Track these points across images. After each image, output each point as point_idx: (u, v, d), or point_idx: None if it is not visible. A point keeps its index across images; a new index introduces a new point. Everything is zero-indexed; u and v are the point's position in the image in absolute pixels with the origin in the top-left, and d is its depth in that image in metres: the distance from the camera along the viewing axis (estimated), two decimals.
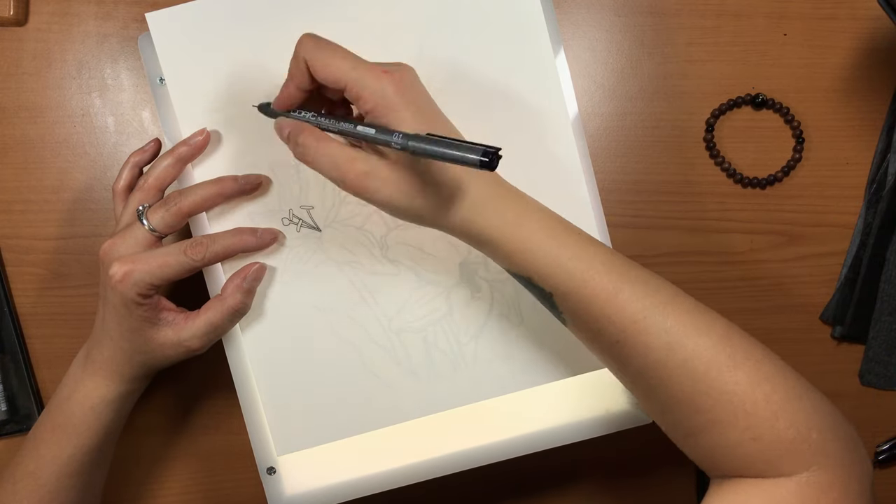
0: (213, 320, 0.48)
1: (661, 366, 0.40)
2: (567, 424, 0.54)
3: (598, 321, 0.41)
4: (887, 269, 0.58)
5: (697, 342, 0.39)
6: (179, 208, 0.47)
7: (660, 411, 0.42)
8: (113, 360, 0.48)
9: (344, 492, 0.54)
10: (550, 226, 0.42)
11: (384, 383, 0.52)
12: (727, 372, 0.39)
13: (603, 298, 0.41)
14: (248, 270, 0.49)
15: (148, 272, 0.45)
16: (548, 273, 0.42)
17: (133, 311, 0.46)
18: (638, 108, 0.58)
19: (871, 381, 0.60)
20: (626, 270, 0.41)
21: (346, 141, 0.43)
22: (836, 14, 0.59)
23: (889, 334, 0.59)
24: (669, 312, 0.40)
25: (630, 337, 0.40)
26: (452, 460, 0.54)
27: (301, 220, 0.51)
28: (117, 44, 0.57)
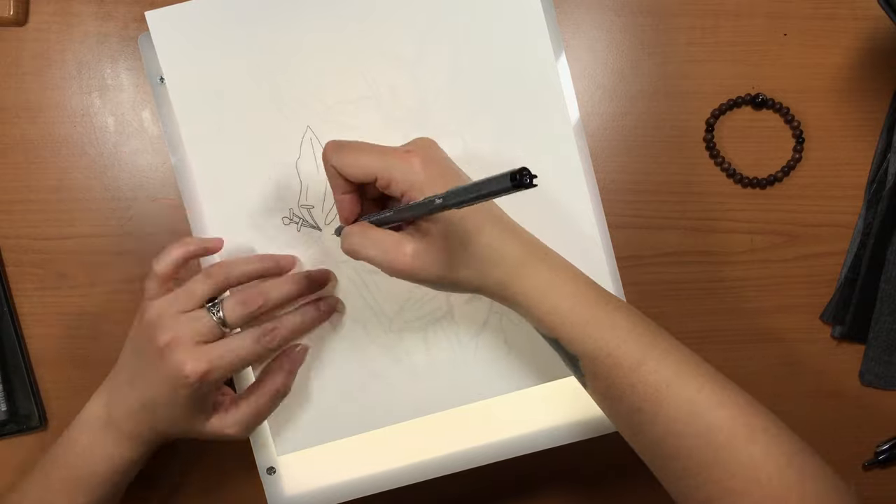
0: (258, 406, 0.48)
1: (680, 435, 0.41)
2: (567, 424, 0.54)
3: (622, 388, 0.42)
4: (887, 269, 0.58)
5: (718, 414, 0.41)
6: (262, 311, 0.47)
7: (673, 478, 0.43)
8: (146, 432, 0.47)
9: (344, 492, 0.54)
10: (581, 291, 0.43)
11: (385, 383, 0.52)
12: (744, 444, 0.40)
13: (627, 367, 0.42)
14: (294, 354, 0.50)
15: (225, 369, 0.45)
16: (575, 339, 0.43)
17: (196, 404, 0.46)
18: (638, 108, 0.58)
19: (871, 381, 0.60)
20: (652, 340, 0.43)
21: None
22: (836, 14, 0.59)
23: (889, 334, 0.59)
24: (693, 383, 0.41)
25: (652, 406, 0.41)
26: (452, 460, 0.54)
27: (301, 220, 0.51)
28: (117, 44, 0.57)
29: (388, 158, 0.42)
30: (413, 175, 0.41)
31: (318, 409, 0.52)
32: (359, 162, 0.42)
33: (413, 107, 0.51)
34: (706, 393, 0.41)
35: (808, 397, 0.60)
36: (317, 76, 0.51)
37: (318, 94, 0.51)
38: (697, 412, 0.40)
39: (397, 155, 0.42)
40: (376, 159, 0.42)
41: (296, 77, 0.50)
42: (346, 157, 0.42)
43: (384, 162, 0.41)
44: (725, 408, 0.41)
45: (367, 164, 0.42)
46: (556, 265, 0.44)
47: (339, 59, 0.51)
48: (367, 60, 0.51)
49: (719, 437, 0.40)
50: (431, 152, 0.43)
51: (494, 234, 0.43)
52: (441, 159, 0.43)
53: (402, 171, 0.41)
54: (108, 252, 0.57)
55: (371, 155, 0.42)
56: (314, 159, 0.51)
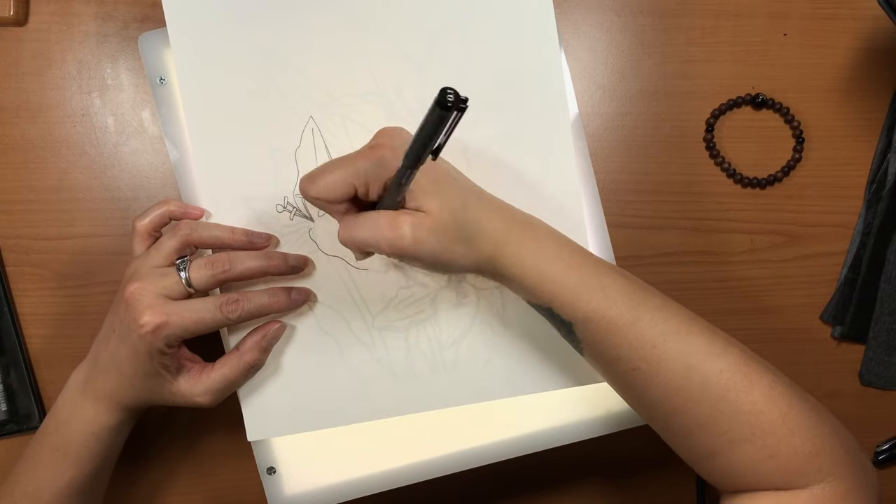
0: (228, 376, 0.48)
1: (681, 389, 0.41)
2: (567, 424, 0.54)
3: (618, 348, 0.42)
4: (887, 269, 0.58)
5: (715, 365, 0.41)
6: (227, 275, 0.47)
7: (679, 436, 0.43)
8: (118, 392, 0.48)
9: (344, 492, 0.54)
10: (568, 254, 0.44)
11: (361, 379, 0.51)
12: (744, 393, 0.40)
13: (622, 326, 0.42)
14: (269, 329, 0.50)
15: (181, 327, 0.45)
16: (567, 304, 0.43)
17: (154, 359, 0.46)
18: (638, 108, 0.58)
19: (871, 381, 0.60)
20: (643, 298, 0.43)
21: None
22: (836, 14, 0.59)
23: (889, 334, 0.59)
24: (687, 337, 0.42)
25: (650, 363, 0.42)
26: (453, 460, 0.54)
27: (295, 209, 0.51)
28: (117, 44, 0.57)
29: (356, 165, 0.42)
30: (385, 165, 0.41)
31: (293, 397, 0.51)
32: (331, 182, 0.42)
33: (416, 108, 0.51)
34: (702, 345, 0.41)
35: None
36: (325, 68, 0.50)
37: (325, 86, 0.50)
38: (694, 365, 0.41)
39: (364, 156, 0.42)
40: (346, 172, 0.42)
41: (304, 67, 0.50)
42: (319, 182, 0.43)
43: (354, 170, 0.42)
44: (722, 358, 0.41)
45: (340, 181, 0.42)
46: (542, 234, 0.44)
47: (349, 53, 0.50)
48: (376, 57, 0.50)
49: (717, 389, 0.40)
50: (398, 139, 0.43)
51: (478, 208, 0.43)
52: (403, 139, 0.43)
53: (374, 167, 0.41)
54: (108, 252, 0.57)
55: (340, 170, 0.42)
56: (314, 149, 0.51)
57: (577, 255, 0.44)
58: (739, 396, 0.40)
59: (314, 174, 0.43)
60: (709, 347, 0.41)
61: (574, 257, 0.44)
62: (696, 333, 0.42)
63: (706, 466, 0.43)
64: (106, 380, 0.48)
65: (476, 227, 0.43)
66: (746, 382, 0.40)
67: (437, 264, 0.43)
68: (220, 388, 0.48)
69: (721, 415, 0.40)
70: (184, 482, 0.59)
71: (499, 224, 0.44)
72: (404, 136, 0.43)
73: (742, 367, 0.41)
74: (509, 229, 0.44)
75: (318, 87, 0.51)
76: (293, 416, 0.51)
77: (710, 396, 0.40)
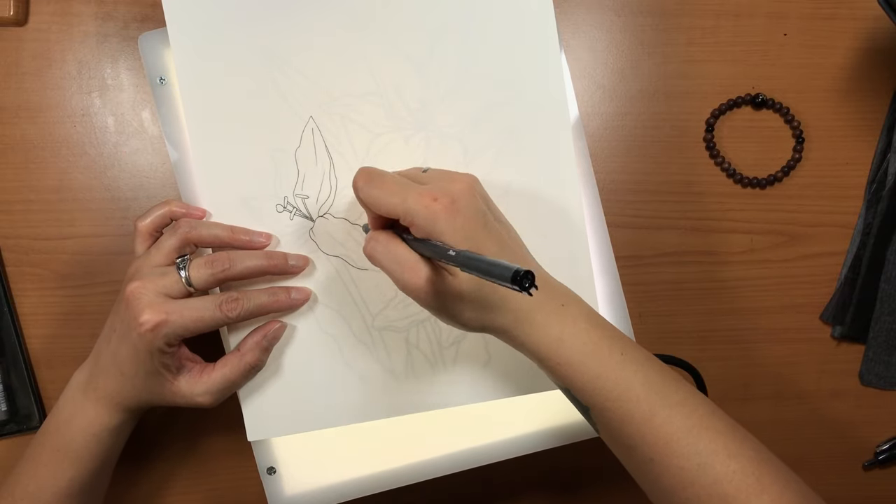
0: (229, 376, 0.48)
1: (691, 486, 0.41)
2: (567, 424, 0.54)
3: (633, 439, 0.42)
4: (887, 269, 0.58)
5: (728, 465, 0.41)
6: (227, 274, 0.47)
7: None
8: (119, 393, 0.48)
9: (344, 492, 0.54)
10: (593, 342, 0.43)
11: (362, 379, 0.51)
12: (754, 496, 0.40)
13: (639, 419, 0.42)
14: (269, 329, 0.50)
15: (181, 325, 0.45)
16: (587, 390, 0.43)
17: (155, 358, 0.46)
18: (638, 108, 0.58)
19: (871, 381, 0.60)
20: (665, 392, 0.43)
21: None
22: (836, 14, 0.59)
23: (889, 334, 0.59)
24: (703, 435, 0.42)
25: (663, 457, 0.42)
26: (452, 460, 0.54)
27: (295, 208, 0.51)
28: (117, 44, 0.57)
29: (412, 203, 0.41)
30: (435, 225, 0.41)
31: (293, 397, 0.51)
32: (382, 202, 0.42)
33: (416, 107, 0.51)
34: (717, 445, 0.41)
35: (808, 397, 0.60)
36: (325, 68, 0.50)
37: (325, 86, 0.50)
38: (707, 464, 0.41)
39: (423, 201, 0.41)
40: (400, 203, 0.41)
41: (304, 67, 0.50)
42: (372, 192, 0.42)
43: (407, 207, 0.41)
44: (735, 459, 0.41)
45: (390, 206, 0.42)
46: (571, 315, 0.43)
47: (349, 53, 0.50)
48: (376, 57, 0.50)
49: (728, 490, 0.40)
50: (462, 200, 0.42)
51: None
52: (470, 207, 0.42)
53: (424, 219, 0.41)
54: (108, 252, 0.57)
55: (395, 197, 0.42)
56: (314, 149, 0.51)
57: (604, 342, 0.43)
58: (749, 500, 0.40)
59: (374, 178, 0.43)
60: (723, 448, 0.41)
61: (600, 344, 0.43)
62: (713, 431, 0.42)
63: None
64: (107, 380, 0.48)
65: (500, 301, 0.42)
66: (757, 486, 0.40)
67: (441, 317, 0.43)
68: (220, 388, 0.48)
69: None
70: (184, 482, 0.59)
71: (529, 301, 0.43)
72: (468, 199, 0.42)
73: (754, 471, 0.41)
74: (538, 308, 0.43)
75: (319, 87, 0.51)
76: (293, 417, 0.51)
77: (720, 496, 0.40)
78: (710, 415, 0.43)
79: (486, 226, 0.43)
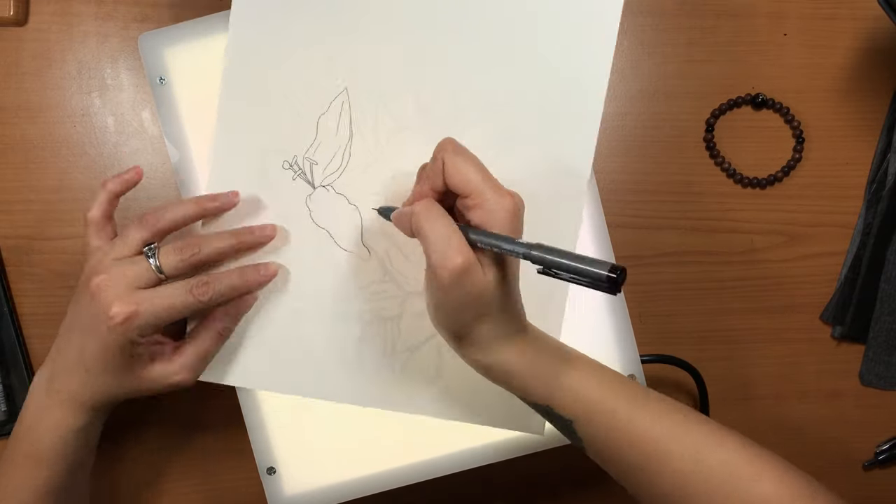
0: (202, 347, 0.48)
1: (687, 482, 0.41)
2: None
3: (620, 446, 0.42)
4: (887, 269, 0.58)
5: (720, 455, 0.41)
6: (198, 258, 0.46)
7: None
8: (83, 392, 0.46)
9: (344, 492, 0.54)
10: (564, 354, 0.44)
11: (309, 354, 0.51)
12: (753, 483, 0.40)
13: (624, 423, 0.42)
14: (241, 302, 0.49)
15: (153, 315, 0.44)
16: (567, 402, 0.43)
17: (126, 351, 0.45)
18: (638, 108, 0.58)
19: (871, 381, 0.60)
20: (643, 396, 0.43)
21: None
22: (836, 14, 0.59)
23: (889, 334, 0.59)
24: (690, 430, 0.42)
25: (653, 461, 0.42)
26: (452, 460, 0.54)
27: (301, 170, 0.50)
28: (117, 44, 0.57)
29: (489, 186, 0.40)
30: (500, 212, 0.40)
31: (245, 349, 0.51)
32: (465, 173, 0.41)
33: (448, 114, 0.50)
34: (705, 435, 0.42)
35: (808, 397, 0.60)
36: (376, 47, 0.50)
37: (370, 63, 0.50)
38: (701, 457, 0.41)
39: (500, 191, 0.40)
40: (481, 181, 0.40)
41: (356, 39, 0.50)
42: (458, 161, 0.41)
43: (484, 186, 0.40)
44: (724, 448, 0.41)
45: (471, 180, 0.40)
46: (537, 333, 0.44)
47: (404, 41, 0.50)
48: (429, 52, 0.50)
49: (726, 479, 0.40)
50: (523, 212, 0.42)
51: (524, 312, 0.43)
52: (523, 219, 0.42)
53: (492, 203, 0.40)
54: None
55: (479, 173, 0.41)
56: (338, 120, 0.50)
57: (573, 355, 0.44)
58: (748, 486, 0.40)
59: (461, 149, 0.41)
60: (712, 437, 0.42)
61: (571, 357, 0.44)
62: (697, 425, 0.42)
63: None
64: (69, 380, 0.47)
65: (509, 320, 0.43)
66: (753, 472, 0.40)
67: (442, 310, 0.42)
68: (195, 361, 0.47)
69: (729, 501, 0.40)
70: (184, 482, 0.59)
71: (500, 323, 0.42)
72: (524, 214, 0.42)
73: (747, 457, 0.41)
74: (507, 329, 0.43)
75: (365, 62, 0.50)
76: (242, 369, 0.51)
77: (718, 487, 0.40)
78: (687, 412, 0.43)
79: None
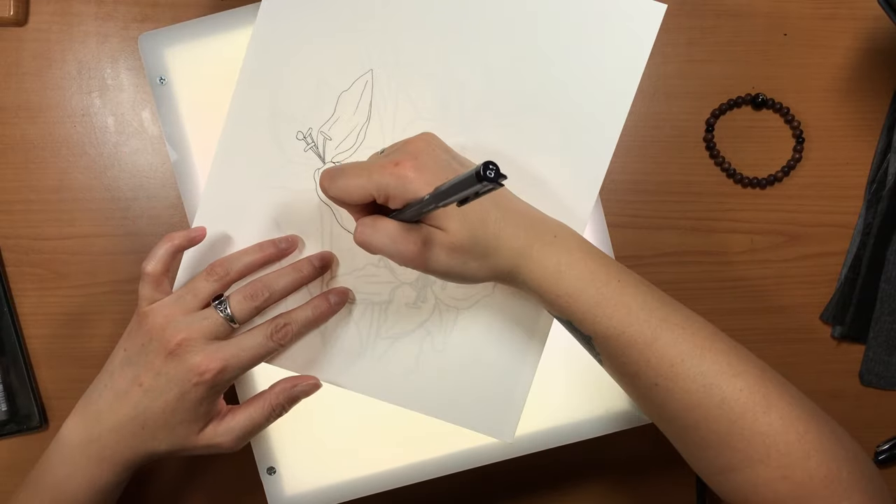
0: (255, 418, 0.48)
1: (698, 407, 0.41)
2: (567, 424, 0.54)
3: (637, 365, 0.42)
4: (887, 269, 0.58)
5: (733, 384, 0.41)
6: (268, 302, 0.47)
7: (694, 449, 0.43)
8: (129, 450, 0.46)
9: (344, 492, 0.54)
10: (591, 271, 0.43)
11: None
12: (762, 413, 0.40)
13: (641, 343, 0.42)
14: (304, 382, 0.49)
15: (240, 367, 0.45)
16: (587, 319, 0.43)
17: (203, 405, 0.46)
18: (638, 108, 0.58)
19: (871, 381, 0.60)
20: (665, 314, 0.43)
21: None
22: (836, 14, 0.59)
23: (889, 334, 0.59)
24: (707, 355, 0.41)
25: (668, 380, 0.42)
26: (452, 460, 0.54)
27: (313, 143, 0.50)
28: (117, 44, 0.57)
29: (377, 177, 0.41)
30: (406, 186, 0.41)
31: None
32: (350, 187, 0.42)
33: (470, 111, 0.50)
34: (721, 364, 0.41)
35: (808, 397, 0.60)
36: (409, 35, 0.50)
37: (400, 49, 0.50)
38: (712, 384, 0.41)
39: (387, 170, 0.41)
40: (366, 181, 0.41)
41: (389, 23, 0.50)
42: (339, 183, 0.42)
43: (375, 181, 0.41)
44: (740, 378, 0.41)
45: (359, 187, 0.42)
46: (565, 246, 0.44)
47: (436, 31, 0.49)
48: (459, 47, 0.49)
49: (735, 408, 0.40)
50: (423, 155, 0.42)
51: (500, 221, 0.43)
52: (433, 160, 0.42)
53: (394, 187, 0.41)
54: (108, 252, 0.57)
55: (360, 178, 0.42)
56: (358, 100, 0.50)
57: (601, 270, 0.43)
58: (757, 417, 0.40)
59: (334, 174, 0.43)
60: (728, 367, 0.41)
61: (597, 272, 0.43)
62: (716, 352, 0.42)
63: (719, 481, 0.43)
64: (116, 438, 0.46)
65: (495, 242, 0.42)
66: (764, 403, 0.40)
67: (451, 277, 0.43)
68: (244, 429, 0.48)
69: (738, 434, 0.40)
70: (184, 482, 0.59)
71: (521, 238, 0.43)
72: (430, 154, 0.42)
73: (760, 388, 0.41)
74: (531, 243, 0.43)
75: (395, 48, 0.50)
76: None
77: (728, 415, 0.40)
78: (713, 335, 0.43)
79: (452, 171, 0.43)
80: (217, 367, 0.45)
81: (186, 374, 0.45)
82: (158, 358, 0.45)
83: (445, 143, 0.45)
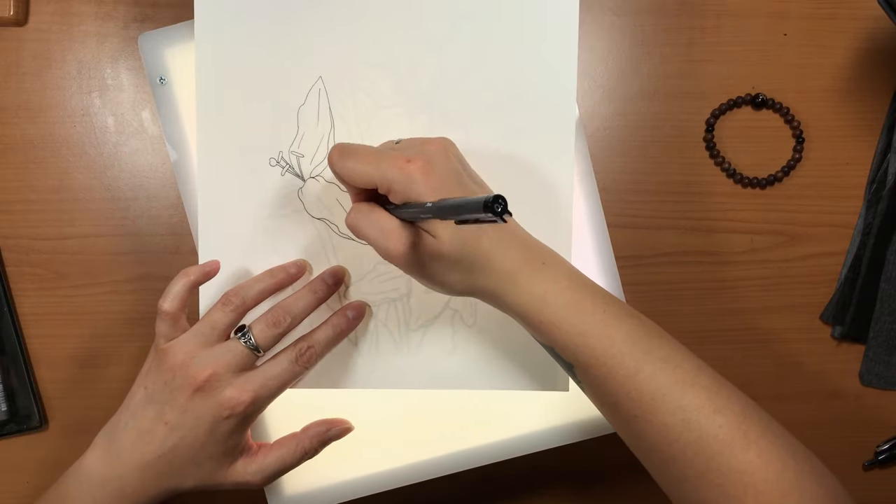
0: (286, 459, 0.48)
1: (676, 441, 0.41)
2: (567, 424, 0.54)
3: (617, 396, 0.42)
4: (887, 269, 0.58)
5: (713, 420, 0.40)
6: (290, 327, 0.47)
7: (672, 482, 0.43)
8: (151, 484, 0.46)
9: (344, 492, 0.54)
10: (576, 299, 0.43)
11: None
12: (740, 450, 0.40)
13: (622, 376, 0.41)
14: (338, 426, 0.50)
15: (269, 396, 0.46)
16: (570, 348, 0.42)
17: (232, 438, 0.46)
18: (638, 108, 0.58)
19: (871, 381, 0.60)
20: (648, 347, 0.42)
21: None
22: (836, 14, 0.59)
23: (889, 334, 0.59)
24: (688, 390, 0.41)
25: (647, 413, 0.41)
26: (452, 460, 0.54)
27: (288, 165, 0.50)
28: (117, 44, 0.57)
29: (386, 168, 0.41)
30: (411, 185, 0.41)
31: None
32: (358, 171, 0.42)
33: (426, 87, 0.50)
34: (702, 399, 0.41)
35: (808, 397, 0.60)
36: (344, 31, 0.50)
37: (340, 49, 0.50)
38: (691, 419, 0.40)
39: (397, 164, 0.41)
40: (374, 169, 0.41)
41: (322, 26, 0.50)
42: (347, 164, 0.42)
43: (382, 172, 0.41)
44: (721, 414, 0.40)
45: (365, 174, 0.42)
46: (553, 274, 0.43)
47: (370, 21, 0.50)
48: (397, 31, 0.50)
49: (713, 445, 0.40)
50: (436, 160, 0.42)
51: (494, 241, 0.42)
52: (444, 167, 0.42)
53: (399, 183, 0.41)
54: (108, 252, 0.57)
55: (370, 165, 0.42)
56: (317, 110, 0.50)
57: (587, 300, 0.43)
58: (735, 454, 0.40)
59: (344, 152, 0.43)
60: (708, 402, 0.41)
61: (583, 302, 0.43)
62: (698, 386, 0.41)
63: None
64: (143, 477, 0.46)
65: (484, 261, 0.42)
66: (744, 440, 0.40)
67: (426, 281, 0.43)
68: (275, 469, 0.48)
69: (715, 469, 0.40)
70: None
71: (510, 261, 0.43)
72: (443, 159, 0.42)
73: (741, 425, 0.40)
74: (520, 268, 0.43)
75: (334, 48, 0.50)
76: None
77: (706, 451, 0.40)
78: (696, 370, 0.42)
79: (460, 184, 0.42)
80: (248, 399, 0.45)
81: (217, 409, 0.45)
82: (184, 395, 0.45)
83: (461, 154, 0.45)
